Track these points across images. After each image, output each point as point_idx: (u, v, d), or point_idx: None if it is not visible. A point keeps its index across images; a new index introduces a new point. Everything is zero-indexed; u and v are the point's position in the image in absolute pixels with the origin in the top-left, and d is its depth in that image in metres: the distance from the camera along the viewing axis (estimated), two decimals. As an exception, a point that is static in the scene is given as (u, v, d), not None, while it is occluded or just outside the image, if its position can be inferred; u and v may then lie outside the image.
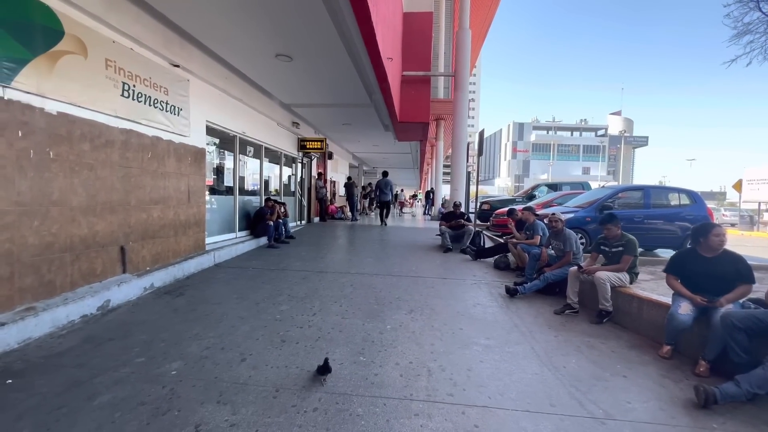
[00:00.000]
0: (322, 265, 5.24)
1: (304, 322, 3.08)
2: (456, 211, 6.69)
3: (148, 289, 3.77)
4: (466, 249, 6.11)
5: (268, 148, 7.74)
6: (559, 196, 9.76)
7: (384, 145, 13.65)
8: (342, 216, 13.27)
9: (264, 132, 7.32)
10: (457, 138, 6.89)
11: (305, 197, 10.77)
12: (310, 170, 10.96)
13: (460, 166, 7.00)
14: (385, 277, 4.68)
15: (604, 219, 3.53)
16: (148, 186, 3.92)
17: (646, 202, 6.70)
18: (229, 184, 6.31)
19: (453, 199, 6.96)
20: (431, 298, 3.85)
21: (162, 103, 4.09)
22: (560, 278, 3.93)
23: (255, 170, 7.37)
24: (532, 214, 5.04)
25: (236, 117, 6.11)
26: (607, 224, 3.49)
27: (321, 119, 9.25)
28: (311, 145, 9.53)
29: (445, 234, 6.52)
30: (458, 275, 4.91)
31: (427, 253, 6.43)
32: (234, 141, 6.24)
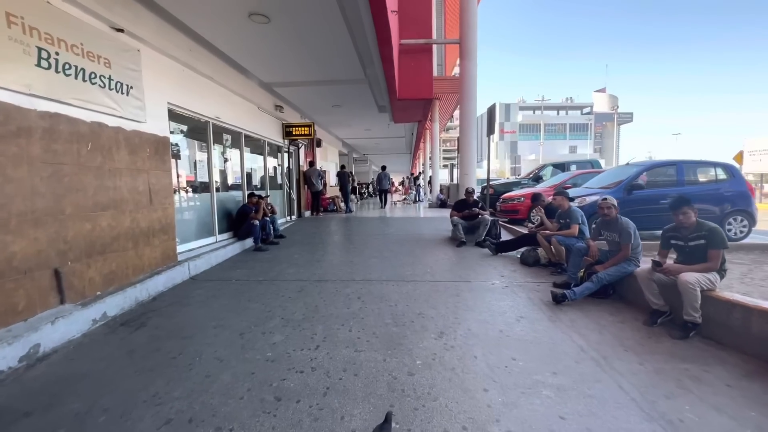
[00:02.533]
0: (321, 271, 4.47)
1: (305, 362, 2.32)
2: (468, 199, 5.95)
3: (99, 321, 2.95)
4: (485, 242, 5.40)
5: (249, 135, 6.84)
6: (572, 176, 9.09)
7: (377, 128, 12.77)
8: (335, 208, 12.45)
9: (243, 117, 6.41)
10: (466, 115, 6.10)
11: (294, 189, 9.90)
12: (298, 159, 10.06)
13: (469, 147, 6.23)
14: (397, 283, 3.94)
15: (677, 203, 2.82)
16: (90, 187, 3.06)
17: (680, 179, 6.05)
18: (204, 179, 5.43)
19: (464, 185, 6.21)
20: (461, 312, 3.12)
21: (103, 78, 3.20)
22: (617, 278, 3.24)
23: (235, 162, 6.48)
24: (566, 199, 4.33)
25: (207, 99, 5.20)
26: (681, 209, 2.78)
27: (307, 101, 8.33)
28: (298, 131, 8.63)
29: (458, 225, 5.79)
30: (483, 276, 4.19)
31: (438, 248, 5.71)
32: (207, 128, 5.34)
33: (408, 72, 6.06)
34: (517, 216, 8.78)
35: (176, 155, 4.79)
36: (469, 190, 5.90)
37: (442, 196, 15.31)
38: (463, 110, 6.12)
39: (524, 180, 12.06)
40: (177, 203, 4.56)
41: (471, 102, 6.09)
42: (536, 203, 5.02)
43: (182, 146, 4.93)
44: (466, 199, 5.97)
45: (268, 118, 7.76)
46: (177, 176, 4.82)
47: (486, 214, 5.79)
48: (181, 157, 4.93)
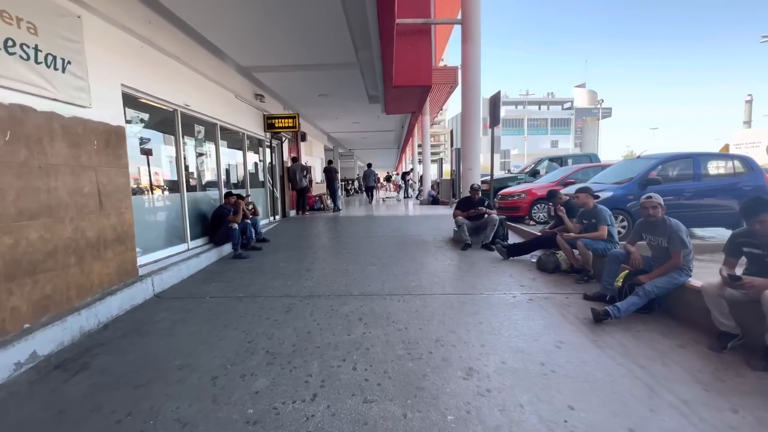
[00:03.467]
0: (311, 284, 3.87)
1: (298, 423, 1.74)
2: (474, 196, 5.44)
3: (25, 364, 2.29)
4: (495, 245, 4.90)
5: (226, 127, 6.13)
6: (574, 171, 8.73)
7: (366, 121, 12.14)
8: (322, 207, 11.80)
9: (218, 106, 5.70)
10: (469, 104, 5.57)
11: (278, 187, 9.21)
12: (281, 154, 9.36)
13: (472, 138, 5.72)
14: (403, 298, 3.39)
15: (755, 208, 2.27)
16: (10, 190, 2.37)
17: (696, 173, 5.70)
18: (174, 176, 4.73)
19: (468, 181, 5.70)
20: (487, 337, 2.60)
21: (26, 48, 2.50)
22: (666, 291, 2.78)
23: (210, 157, 5.77)
24: (591, 197, 3.86)
25: (174, 84, 4.49)
26: (759, 216, 2.26)
27: (291, 89, 7.64)
28: (281, 123, 7.94)
29: (463, 226, 5.27)
30: (500, 286, 3.69)
31: (442, 252, 5.19)
32: (174, 117, 4.63)
33: (405, 56, 5.48)
34: (517, 213, 8.37)
35: (139, 149, 4.09)
36: (475, 186, 5.39)
37: (434, 192, 14.84)
38: (466, 99, 5.60)
39: (520, 175, 11.70)
40: (138, 206, 3.88)
41: (474, 89, 5.57)
42: (553, 201, 4.55)
43: (144, 139, 4.22)
44: (471, 197, 5.46)
45: (248, 109, 7.05)
46: (152, 174, 4.12)
47: (493, 214, 5.29)
48: (144, 152, 4.22)
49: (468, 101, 5.66)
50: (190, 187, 5.09)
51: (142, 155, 4.19)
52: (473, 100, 5.64)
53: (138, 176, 4.12)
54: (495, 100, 5.93)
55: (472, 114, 5.68)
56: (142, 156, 4.19)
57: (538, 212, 8.48)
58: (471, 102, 5.66)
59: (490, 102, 6.00)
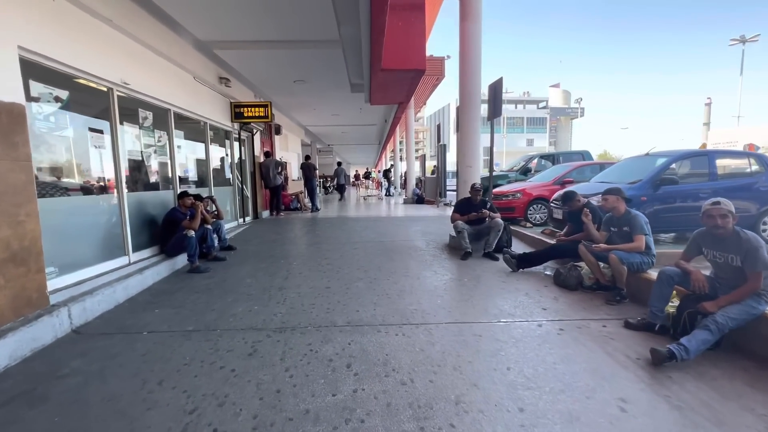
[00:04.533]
0: (284, 309, 3.12)
1: None
2: (475, 198, 4.80)
3: None
4: (503, 254, 4.27)
5: (182, 114, 5.23)
6: (572, 169, 8.29)
7: (347, 113, 11.35)
8: (299, 206, 10.93)
9: (171, 88, 4.80)
10: (468, 92, 4.93)
11: (248, 185, 8.30)
12: (252, 148, 8.45)
13: (472, 131, 5.08)
14: (402, 329, 2.69)
15: None
16: None
17: (712, 172, 5.30)
18: (105, 173, 3.81)
19: (467, 180, 5.07)
20: (522, 393, 1.94)
21: None
22: (744, 323, 2.21)
23: (160, 149, 4.85)
24: (622, 200, 3.29)
25: (106, 55, 3.59)
26: None
27: (261, 73, 6.76)
28: (251, 112, 7.05)
29: (463, 232, 4.63)
30: (518, 309, 3.05)
31: (439, 262, 4.53)
32: (109, 98, 3.72)
33: (396, 34, 4.77)
34: (511, 214, 7.85)
35: (54, 137, 3.18)
36: (476, 186, 4.75)
37: (419, 190, 14.23)
38: (465, 86, 4.95)
39: (511, 173, 11.25)
40: (53, 212, 2.99)
41: (474, 75, 4.93)
42: (569, 204, 3.96)
43: (62, 123, 3.31)
44: (472, 199, 4.82)
45: (211, 94, 6.14)
46: (76, 169, 3.22)
47: (498, 218, 4.68)
48: (61, 140, 3.31)
49: (467, 89, 5.01)
50: (132, 185, 4.19)
51: (59, 144, 3.28)
52: (473, 88, 5.01)
53: (56, 172, 3.22)
54: (496, 88, 5.32)
55: (472, 104, 5.04)
56: (59, 145, 3.28)
57: (535, 213, 7.99)
58: (470, 90, 5.02)
59: (490, 90, 5.38)
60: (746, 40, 27.36)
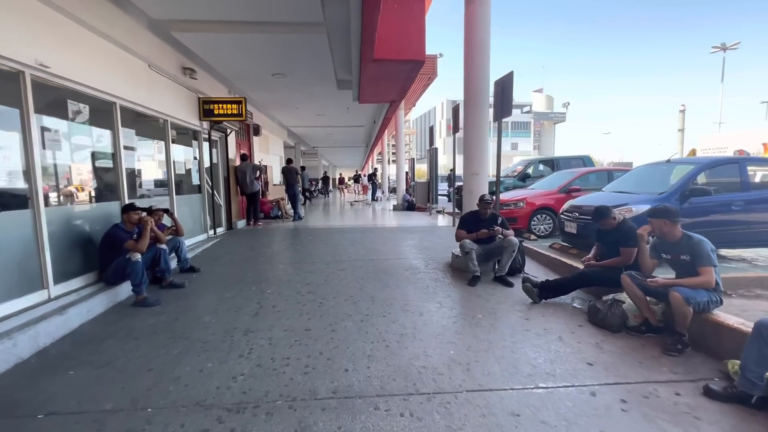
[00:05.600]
0: (247, 369, 2.35)
1: None
2: (484, 211, 4.12)
3: None
4: (522, 282, 3.59)
5: (132, 109, 4.39)
6: (579, 175, 7.75)
7: (333, 113, 10.60)
8: (280, 214, 10.09)
9: (117, 77, 3.97)
10: (473, 86, 4.28)
11: (221, 192, 7.45)
12: (226, 151, 7.60)
13: (478, 133, 4.44)
14: (407, 404, 1.96)
15: None
16: None
17: (744, 181, 4.78)
18: (14, 183, 2.96)
19: (473, 189, 4.40)
20: None
21: None
22: None
23: (101, 151, 3.99)
24: (676, 223, 2.64)
25: (14, 26, 2.77)
26: None
27: (233, 64, 5.96)
28: (222, 109, 6.23)
29: (471, 253, 3.94)
30: (556, 364, 2.37)
31: (442, 288, 3.83)
32: (19, 84, 2.88)
33: (390, 20, 4.09)
34: (513, 225, 7.25)
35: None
36: (486, 199, 4.07)
37: (409, 197, 13.56)
38: (471, 81, 4.30)
39: (508, 180, 10.68)
40: None
41: (482, 68, 4.29)
42: (602, 221, 3.32)
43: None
44: (481, 213, 4.14)
45: (172, 87, 5.30)
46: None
47: (511, 235, 4.01)
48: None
49: (473, 85, 4.36)
50: (60, 197, 3.35)
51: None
52: (480, 83, 4.36)
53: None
54: (505, 85, 4.67)
55: (479, 101, 4.39)
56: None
57: (539, 224, 7.41)
58: (477, 86, 4.37)
59: (497, 87, 4.73)
60: (727, 48, 27.87)
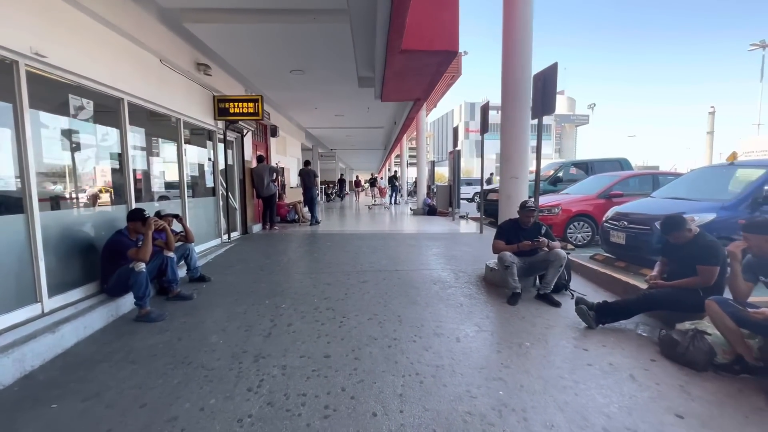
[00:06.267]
0: (255, 408, 1.98)
1: None
2: (526, 220, 3.66)
3: None
4: (576, 303, 3.11)
5: (143, 106, 4.14)
6: (619, 180, 7.14)
7: (353, 114, 10.28)
8: (296, 218, 9.82)
9: (126, 72, 3.72)
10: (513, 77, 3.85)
11: (236, 196, 7.21)
12: (242, 152, 7.36)
13: (517, 130, 3.99)
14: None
15: None
16: None
17: (829, 187, 4.13)
18: (6, 185, 2.70)
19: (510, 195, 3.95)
20: None
21: None
22: None
23: (107, 151, 3.74)
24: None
25: (7, 12, 2.51)
26: None
27: (249, 58, 5.69)
28: (238, 107, 5.97)
29: (512, 268, 3.48)
30: (634, 415, 1.90)
31: (478, 307, 3.38)
32: (12, 74, 2.62)
33: (421, 5, 3.70)
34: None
35: None
36: (530, 206, 3.61)
37: (430, 201, 13.09)
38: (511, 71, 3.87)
39: (537, 182, 10.10)
40: None
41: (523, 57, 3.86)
42: (674, 234, 2.81)
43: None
44: (522, 221, 3.68)
45: (185, 84, 5.06)
46: None
47: (558, 247, 3.53)
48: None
49: (513, 76, 3.92)
50: (59, 200, 3.09)
51: None
52: (521, 73, 3.92)
53: None
54: (547, 78, 4.20)
55: (519, 95, 3.95)
56: None
57: (576, 232, 6.85)
58: (517, 77, 3.94)
59: (538, 82, 4.26)
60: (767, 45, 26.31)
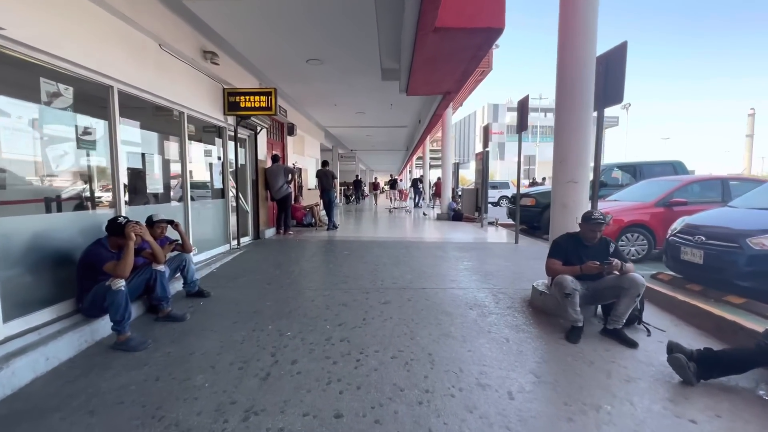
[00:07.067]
0: None
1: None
2: (592, 235, 2.94)
3: None
4: (668, 350, 2.38)
5: (137, 96, 3.68)
6: (682, 185, 6.24)
7: (375, 111, 9.71)
8: (313, 221, 9.31)
9: (115, 54, 3.26)
10: (574, 61, 3.17)
11: (249, 198, 6.75)
12: (255, 150, 6.90)
13: (575, 125, 3.31)
14: None
15: None
16: None
17: None
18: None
19: (566, 203, 3.25)
20: None
21: None
22: None
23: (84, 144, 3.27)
24: None
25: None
26: None
27: (262, 45, 5.18)
28: (249, 101, 5.48)
29: (574, 296, 2.77)
30: None
31: (530, 345, 2.69)
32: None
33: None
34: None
35: None
36: (596, 218, 2.89)
37: (455, 205, 12.33)
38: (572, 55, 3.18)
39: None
40: None
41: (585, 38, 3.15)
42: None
43: None
44: (585, 237, 2.96)
45: (189, 73, 4.60)
46: None
47: (633, 271, 2.80)
48: None
49: (574, 60, 3.23)
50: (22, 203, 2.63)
51: None
52: (583, 55, 3.21)
53: None
54: (611, 62, 3.46)
55: (580, 83, 3.24)
56: None
57: (629, 244, 6.01)
58: (578, 61, 3.24)
59: (600, 65, 3.52)
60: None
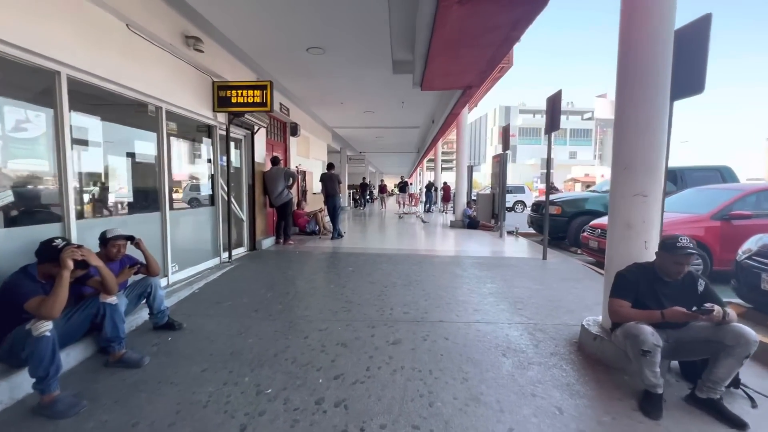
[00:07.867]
0: None
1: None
2: (677, 269, 2.18)
3: None
4: None
5: (93, 84, 3.06)
6: (742, 195, 5.39)
7: (385, 109, 9.02)
8: (317, 229, 8.65)
9: (62, 32, 2.64)
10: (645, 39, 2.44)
11: (244, 205, 6.12)
12: (252, 152, 6.27)
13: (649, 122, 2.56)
14: None
15: None
16: None
17: None
18: None
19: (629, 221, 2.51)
20: None
21: None
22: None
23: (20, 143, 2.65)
24: None
25: None
26: None
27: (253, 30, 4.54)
28: (241, 96, 4.85)
29: (655, 353, 2.02)
30: None
31: (589, 419, 1.95)
32: None
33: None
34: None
35: None
36: (684, 246, 2.14)
37: (470, 211, 11.56)
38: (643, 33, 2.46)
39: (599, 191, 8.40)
40: None
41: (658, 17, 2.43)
42: None
43: None
44: (667, 269, 2.21)
45: (168, 61, 3.98)
46: None
47: (735, 318, 2.04)
48: None
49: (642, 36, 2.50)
50: None
51: None
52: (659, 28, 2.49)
53: None
54: (693, 38, 2.72)
55: (655, 65, 2.50)
56: None
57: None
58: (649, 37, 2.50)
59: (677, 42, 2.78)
60: None
